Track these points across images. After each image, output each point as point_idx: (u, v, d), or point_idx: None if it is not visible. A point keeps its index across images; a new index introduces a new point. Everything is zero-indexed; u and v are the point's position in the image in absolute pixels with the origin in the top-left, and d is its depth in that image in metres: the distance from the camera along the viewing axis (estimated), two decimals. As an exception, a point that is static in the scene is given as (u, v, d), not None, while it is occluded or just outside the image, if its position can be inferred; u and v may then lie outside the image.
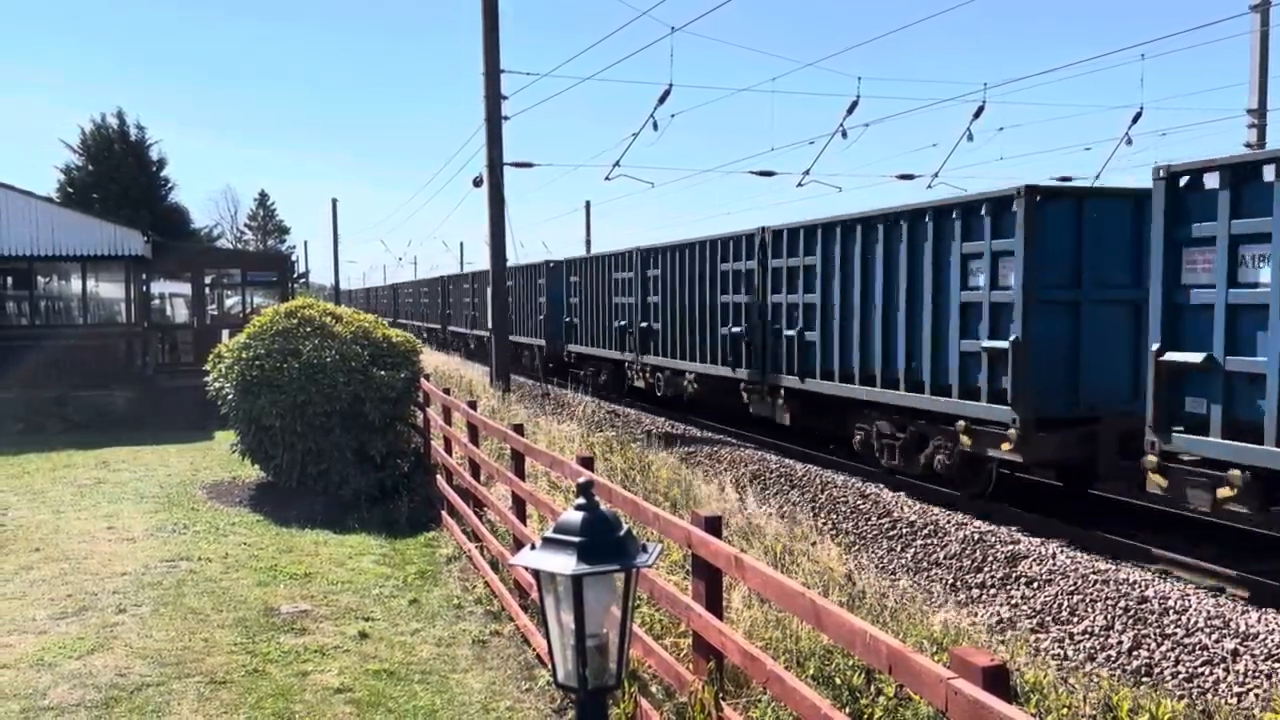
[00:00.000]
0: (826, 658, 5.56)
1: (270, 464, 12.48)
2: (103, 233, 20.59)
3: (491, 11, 20.48)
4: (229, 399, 12.42)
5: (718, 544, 4.59)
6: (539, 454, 7.66)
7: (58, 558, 9.48)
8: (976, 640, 6.82)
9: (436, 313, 48.32)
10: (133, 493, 12.74)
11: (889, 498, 12.96)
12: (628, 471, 11.60)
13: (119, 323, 22.10)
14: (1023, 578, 9.98)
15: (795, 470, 14.96)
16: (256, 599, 8.23)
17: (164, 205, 48.54)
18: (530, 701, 6.29)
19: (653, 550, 2.60)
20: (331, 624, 7.67)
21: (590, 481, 2.68)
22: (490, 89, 20.65)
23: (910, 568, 11.04)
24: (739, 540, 8.30)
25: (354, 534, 10.70)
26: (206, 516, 11.38)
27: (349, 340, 12.63)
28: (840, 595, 7.15)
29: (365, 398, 12.30)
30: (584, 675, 2.59)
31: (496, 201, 21.02)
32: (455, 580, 8.97)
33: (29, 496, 12.53)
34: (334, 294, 68.66)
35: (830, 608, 3.60)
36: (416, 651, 7.14)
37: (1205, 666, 7.83)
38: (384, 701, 6.22)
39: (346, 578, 8.98)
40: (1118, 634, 8.58)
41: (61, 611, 7.85)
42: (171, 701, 6.15)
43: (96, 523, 11.00)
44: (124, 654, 6.92)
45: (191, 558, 9.50)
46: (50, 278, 22.94)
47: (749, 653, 4.24)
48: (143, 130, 48.15)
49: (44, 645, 7.06)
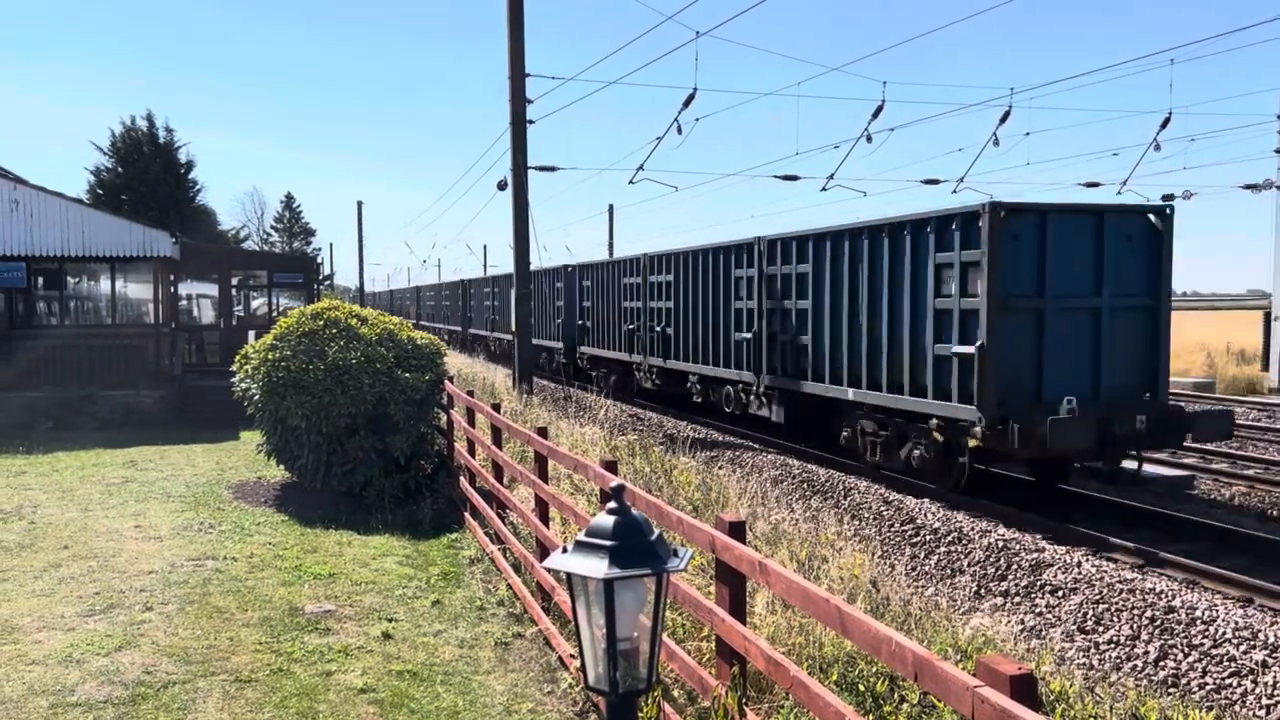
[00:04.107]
0: (850, 664, 5.54)
1: (295, 464, 12.57)
2: (132, 234, 20.80)
3: (517, 15, 20.56)
4: (255, 399, 12.51)
5: (742, 549, 4.58)
6: (562, 457, 7.68)
7: (86, 555, 9.58)
8: (1001, 648, 6.78)
9: (458, 315, 48.62)
10: (160, 492, 12.87)
11: (912, 504, 12.90)
12: (651, 475, 11.60)
13: (147, 323, 22.34)
14: (1047, 586, 9.91)
15: (818, 475, 14.92)
16: (281, 598, 8.29)
17: (192, 207, 49.11)
18: (552, 704, 6.30)
19: (684, 555, 2.60)
20: (355, 624, 7.71)
21: (621, 486, 2.69)
22: (515, 93, 20.72)
23: (934, 574, 10.98)
24: (762, 545, 8.29)
25: (378, 535, 10.76)
26: (232, 516, 11.48)
27: (374, 342, 12.70)
28: (864, 601, 7.12)
29: (390, 399, 12.36)
30: (615, 679, 2.59)
31: (520, 205, 21.09)
32: (478, 582, 9.00)
33: (58, 495, 12.68)
34: (359, 296, 69.05)
35: (855, 614, 3.59)
36: (439, 653, 7.17)
37: (1233, 678, 7.75)
38: (407, 702, 6.25)
39: (370, 578, 9.03)
40: (1144, 644, 8.51)
41: (89, 609, 7.93)
42: (197, 699, 6.20)
43: (124, 521, 11.11)
44: (150, 651, 6.98)
45: (217, 557, 9.58)
46: (80, 278, 23.24)
47: (773, 658, 4.23)
48: (172, 133, 48.73)
49: (72, 642, 7.14)
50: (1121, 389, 12.40)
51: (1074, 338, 12.26)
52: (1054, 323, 12.14)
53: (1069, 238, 12.19)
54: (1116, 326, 12.37)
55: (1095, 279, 12.30)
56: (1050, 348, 12.14)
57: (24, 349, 20.01)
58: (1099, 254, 12.27)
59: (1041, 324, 12.12)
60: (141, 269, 21.90)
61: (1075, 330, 12.26)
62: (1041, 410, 11.67)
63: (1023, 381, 12.07)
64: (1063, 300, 12.17)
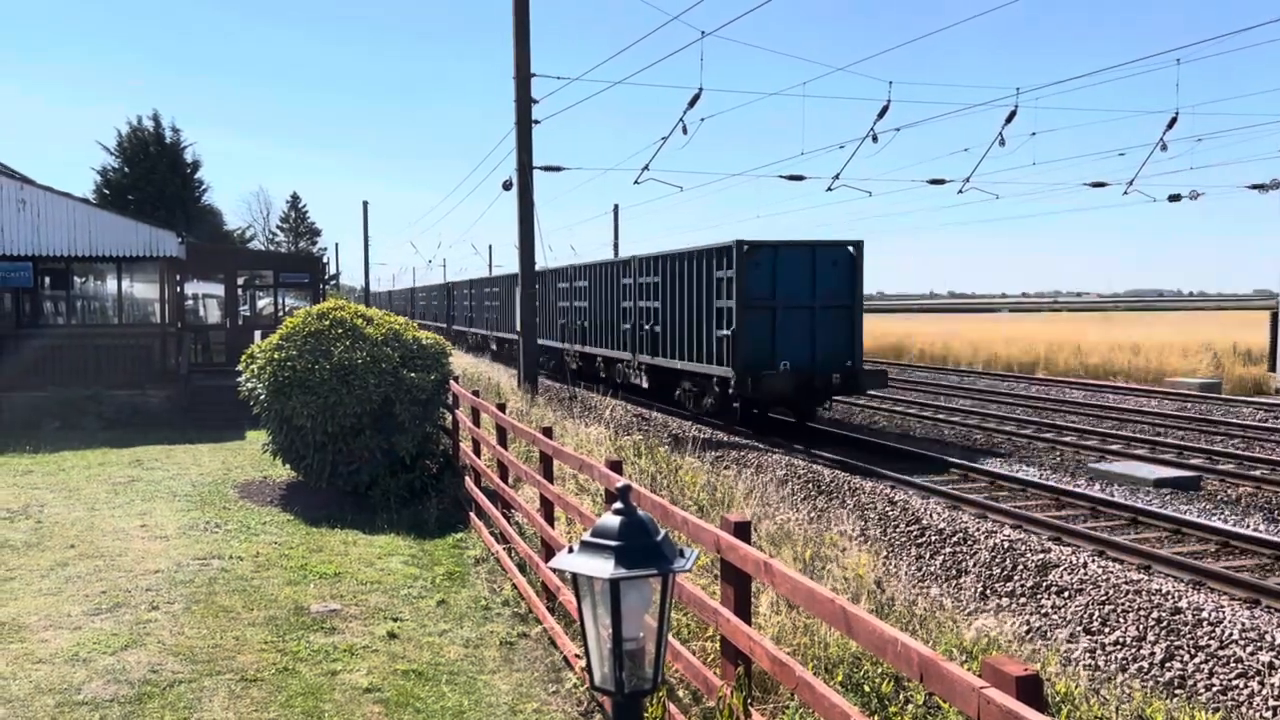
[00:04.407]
0: (855, 664, 5.53)
1: (301, 464, 12.59)
2: (138, 234, 20.85)
3: (522, 17, 20.56)
4: (261, 399, 12.53)
5: (747, 549, 4.58)
6: (567, 457, 7.68)
7: (92, 555, 9.61)
8: (1006, 649, 6.76)
9: (443, 314, 51.28)
10: (166, 491, 12.89)
11: (918, 505, 12.89)
12: (656, 475, 11.60)
13: (153, 323, 22.37)
14: (1053, 587, 9.89)
15: (823, 476, 14.91)
16: (287, 598, 8.31)
17: (198, 207, 49.18)
18: (557, 704, 6.30)
19: (690, 555, 2.60)
20: (361, 624, 7.72)
21: (628, 486, 2.69)
22: (520, 93, 20.73)
23: (939, 575, 10.97)
24: (767, 545, 8.28)
25: (383, 534, 10.78)
26: (238, 515, 11.50)
27: (380, 342, 12.71)
28: (869, 602, 7.11)
29: (395, 399, 12.37)
30: (621, 679, 2.59)
31: (526, 205, 21.11)
32: (483, 582, 9.01)
33: (65, 494, 12.71)
34: (364, 296, 69.12)
35: (861, 614, 3.59)
36: (444, 652, 7.18)
37: (1240, 679, 7.73)
38: (412, 702, 6.26)
39: (375, 578, 9.04)
40: (1150, 645, 8.49)
41: (96, 608, 7.95)
42: (203, 698, 6.21)
43: (130, 520, 11.13)
44: (157, 650, 7.00)
45: (223, 556, 9.60)
46: (87, 278, 23.28)
47: (778, 659, 4.23)
48: (178, 133, 48.83)
49: (79, 641, 7.16)
50: (827, 359, 18.91)
51: (796, 326, 18.82)
52: (782, 317, 18.77)
53: (793, 262, 18.82)
54: (823, 320, 18.96)
55: (810, 289, 18.90)
56: (780, 333, 18.72)
57: (31, 349, 20.05)
58: (813, 273, 18.93)
59: (774, 317, 18.71)
60: (148, 269, 21.94)
61: (797, 322, 18.84)
62: (772, 371, 18.39)
63: (761, 353, 18.56)
64: (788, 301, 18.78)
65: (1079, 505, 13.12)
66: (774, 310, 18.58)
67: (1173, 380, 29.34)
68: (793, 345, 18.66)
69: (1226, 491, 14.26)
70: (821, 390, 18.95)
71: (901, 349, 44.51)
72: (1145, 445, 18.03)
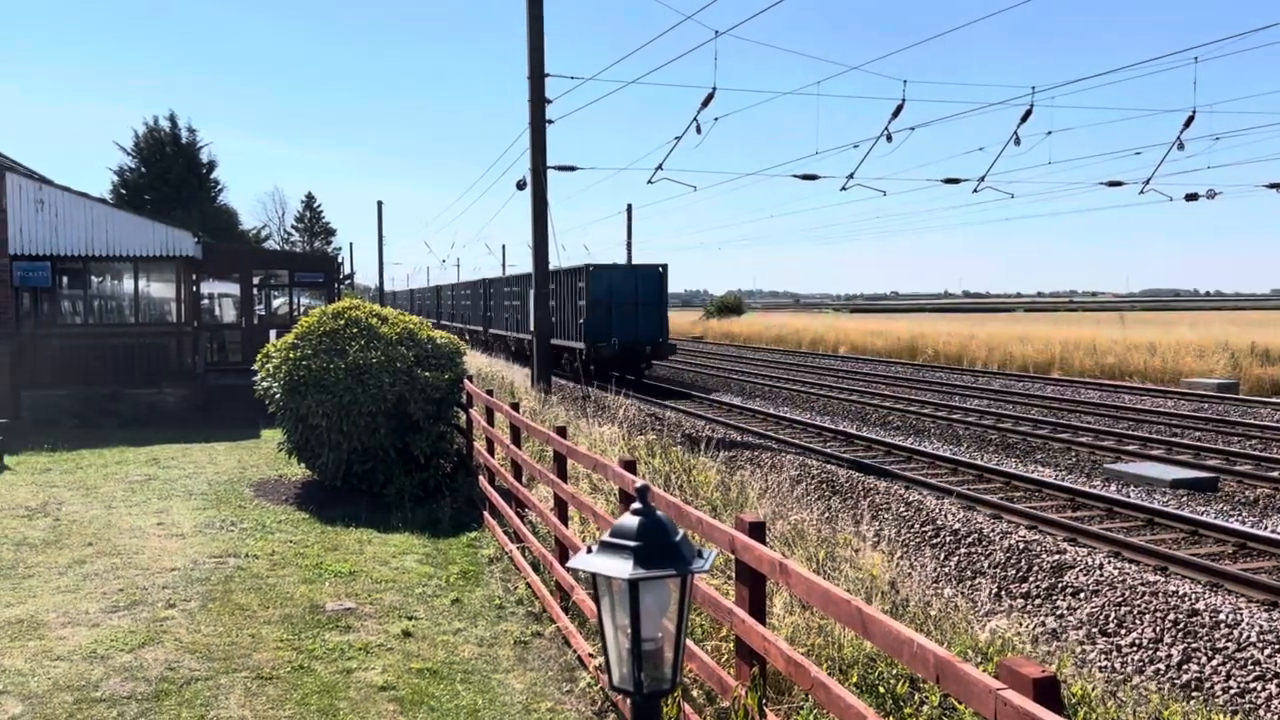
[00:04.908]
0: (870, 665, 5.52)
1: (316, 463, 12.64)
2: (154, 233, 20.95)
3: (536, 17, 20.59)
4: (276, 398, 12.58)
5: (761, 549, 4.58)
6: (581, 456, 7.69)
7: (109, 552, 9.67)
8: (1022, 650, 6.74)
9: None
10: (182, 489, 12.97)
11: (933, 505, 12.85)
12: (670, 475, 11.59)
13: (170, 322, 22.48)
14: (1069, 588, 9.85)
15: (837, 476, 14.89)
16: (302, 596, 8.35)
17: (214, 206, 49.39)
18: (571, 703, 6.31)
19: (708, 555, 2.60)
20: (375, 622, 7.75)
21: (646, 487, 2.69)
22: (534, 93, 20.76)
23: (954, 576, 10.94)
24: (781, 546, 8.27)
25: (398, 533, 10.81)
26: (254, 514, 11.55)
27: (394, 341, 12.75)
28: (884, 603, 7.09)
29: (410, 398, 12.41)
30: (639, 679, 2.59)
31: (539, 205, 21.14)
32: (497, 580, 9.03)
33: (82, 492, 12.80)
34: (379, 295, 69.31)
35: (877, 615, 3.58)
36: (459, 651, 7.20)
37: (1258, 682, 7.68)
38: (426, 700, 6.28)
39: (390, 576, 9.07)
40: (1167, 647, 8.44)
41: (113, 605, 8.01)
42: (219, 695, 6.25)
43: (147, 518, 11.20)
44: (173, 648, 7.05)
45: (239, 554, 9.65)
46: (104, 277, 23.39)
47: (793, 659, 4.22)
48: (194, 133, 49.09)
49: (96, 638, 7.21)
50: (644, 336, 30.86)
51: (626, 316, 30.61)
52: (616, 309, 30.53)
53: (622, 277, 31.33)
54: (643, 312, 30.84)
55: (634, 292, 30.92)
56: (614, 320, 30.48)
57: (49, 348, 20.18)
58: (635, 283, 31.12)
59: (610, 310, 30.49)
60: (164, 268, 22.05)
61: (626, 313, 30.63)
62: (607, 343, 30.10)
63: (600, 332, 30.29)
64: (619, 299, 30.67)
65: (1095, 506, 13.07)
66: (610, 305, 30.62)
67: (1189, 380, 29.16)
68: (623, 328, 30.55)
69: (1244, 493, 14.17)
70: (640, 355, 31.20)
71: (915, 349, 44.36)
72: (1162, 446, 17.94)
